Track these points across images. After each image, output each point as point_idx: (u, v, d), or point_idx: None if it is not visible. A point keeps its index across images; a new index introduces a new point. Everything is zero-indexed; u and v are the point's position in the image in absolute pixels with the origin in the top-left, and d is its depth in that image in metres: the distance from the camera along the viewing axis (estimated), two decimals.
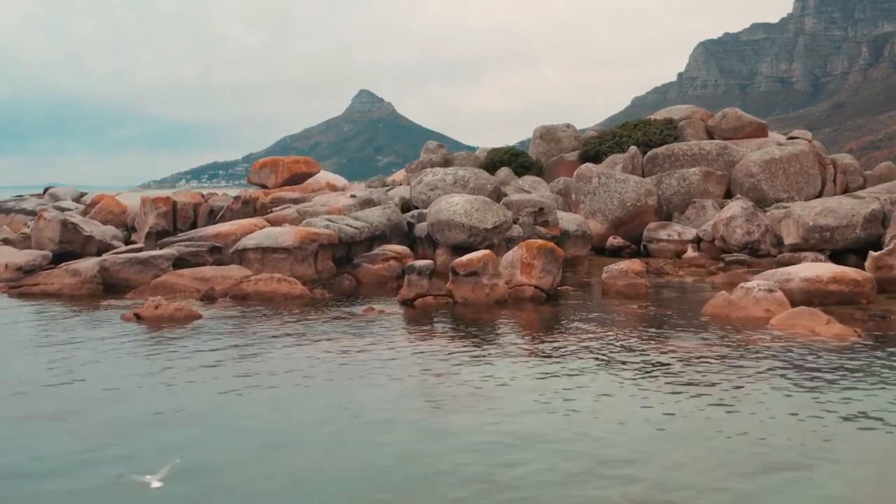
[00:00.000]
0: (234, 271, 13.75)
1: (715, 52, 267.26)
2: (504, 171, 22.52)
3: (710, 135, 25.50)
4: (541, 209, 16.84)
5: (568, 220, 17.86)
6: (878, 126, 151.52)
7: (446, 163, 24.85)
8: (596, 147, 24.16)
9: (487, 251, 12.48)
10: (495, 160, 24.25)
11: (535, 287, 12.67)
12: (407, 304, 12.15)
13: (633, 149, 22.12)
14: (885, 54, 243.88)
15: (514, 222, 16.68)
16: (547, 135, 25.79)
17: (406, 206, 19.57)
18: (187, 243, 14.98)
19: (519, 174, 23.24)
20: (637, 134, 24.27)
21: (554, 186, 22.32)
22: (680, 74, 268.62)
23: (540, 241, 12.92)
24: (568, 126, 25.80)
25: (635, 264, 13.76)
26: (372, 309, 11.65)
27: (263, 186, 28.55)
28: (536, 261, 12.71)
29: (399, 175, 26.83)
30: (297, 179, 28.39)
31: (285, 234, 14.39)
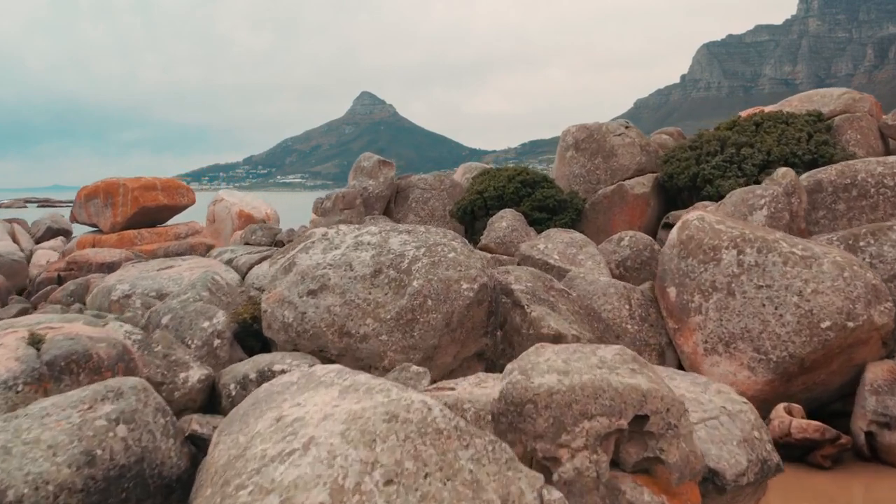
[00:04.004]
0: None
1: (718, 54, 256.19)
2: (508, 220, 10.28)
3: (885, 140, 13.42)
4: (649, 434, 4.51)
5: (717, 441, 5.46)
6: None
7: (397, 194, 12.61)
8: (691, 167, 11.73)
9: None
10: (488, 195, 11.84)
11: None
12: None
13: (787, 173, 9.74)
14: (891, 56, 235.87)
15: (548, 478, 4.47)
16: (588, 142, 13.29)
17: (256, 328, 7.45)
18: None
19: (538, 223, 10.96)
20: (766, 140, 11.95)
21: (611, 253, 10.10)
22: (683, 76, 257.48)
23: None
24: (627, 125, 13.22)
25: None
26: None
27: (98, 230, 16.40)
28: None
29: (314, 217, 14.32)
30: (153, 216, 16.22)
31: None
